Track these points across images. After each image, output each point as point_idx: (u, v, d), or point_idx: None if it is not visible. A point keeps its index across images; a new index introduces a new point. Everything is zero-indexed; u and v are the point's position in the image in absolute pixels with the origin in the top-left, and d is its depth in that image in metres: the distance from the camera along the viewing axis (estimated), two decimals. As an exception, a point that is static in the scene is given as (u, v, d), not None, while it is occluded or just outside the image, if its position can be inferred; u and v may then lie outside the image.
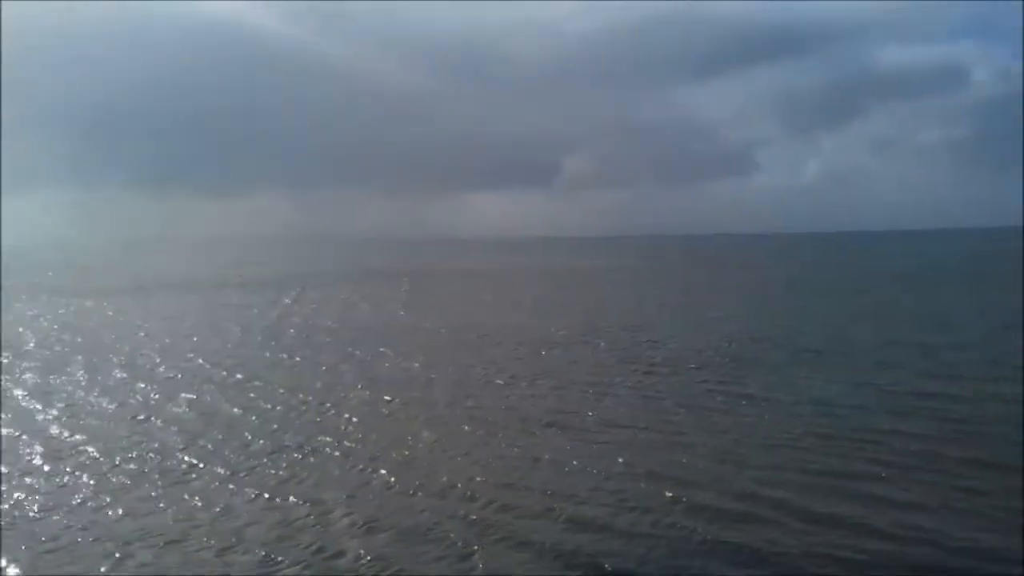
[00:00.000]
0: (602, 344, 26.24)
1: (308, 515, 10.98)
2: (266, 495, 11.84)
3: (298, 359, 24.76)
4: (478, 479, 12.26)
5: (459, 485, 11.99)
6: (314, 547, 9.90)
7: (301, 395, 18.94)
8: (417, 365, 22.91)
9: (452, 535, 10.13)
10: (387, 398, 18.45)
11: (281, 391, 19.48)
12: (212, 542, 10.07)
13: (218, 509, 11.30)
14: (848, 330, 28.25)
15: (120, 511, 11.28)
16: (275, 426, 15.97)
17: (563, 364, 22.51)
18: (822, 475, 11.96)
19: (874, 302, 39.12)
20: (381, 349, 26.22)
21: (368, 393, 19.13)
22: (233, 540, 10.14)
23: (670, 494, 11.33)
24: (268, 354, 25.88)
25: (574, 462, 12.99)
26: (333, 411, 17.25)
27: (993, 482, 11.45)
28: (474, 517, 10.74)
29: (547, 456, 13.39)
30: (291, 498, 11.67)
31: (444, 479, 12.31)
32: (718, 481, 11.82)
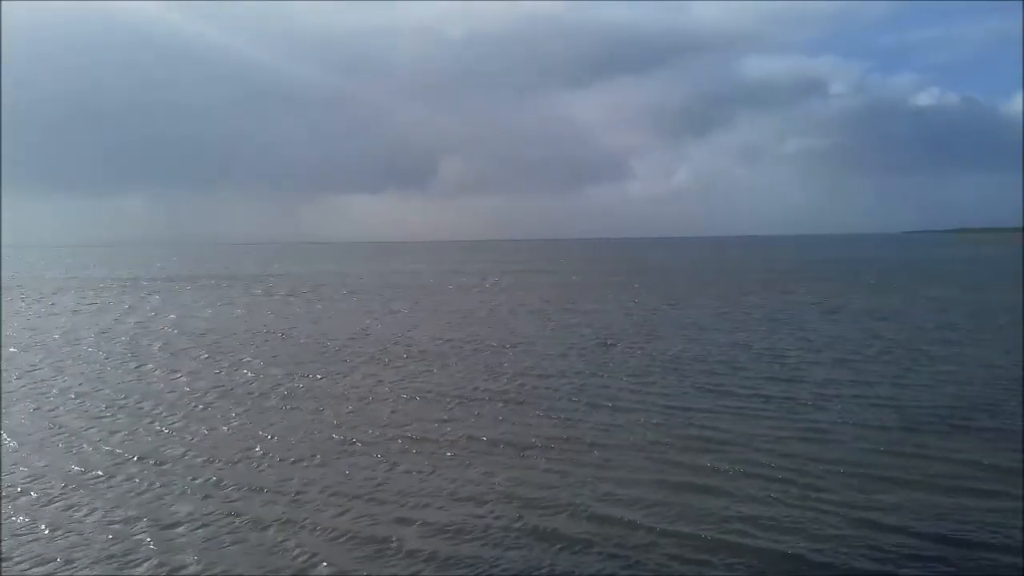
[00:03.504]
0: (466, 350, 25.98)
1: (148, 531, 10.47)
2: (102, 511, 11.25)
3: (144, 366, 23.61)
4: (329, 492, 11.89)
5: (307, 499, 11.60)
6: (154, 563, 9.46)
7: (146, 405, 18.10)
8: (271, 373, 22.12)
9: (297, 549, 9.83)
10: (239, 408, 17.73)
11: (124, 401, 18.58)
12: (44, 566, 9.45)
13: (51, 526, 10.67)
14: (702, 333, 28.96)
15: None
16: (117, 438, 15.23)
17: (424, 372, 22.09)
18: (666, 486, 11.97)
19: (729, 304, 40.53)
20: (235, 356, 25.29)
21: (218, 402, 18.40)
22: (65, 559, 9.59)
23: (521, 504, 11.25)
24: (110, 361, 24.64)
25: (428, 473, 12.76)
26: (179, 422, 16.50)
27: (836, 482, 11.86)
28: (321, 530, 10.44)
29: (401, 467, 13.09)
30: (131, 513, 11.12)
31: (292, 493, 11.91)
32: (570, 491, 11.75)
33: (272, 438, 14.99)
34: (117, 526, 10.63)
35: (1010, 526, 10.16)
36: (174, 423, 16.32)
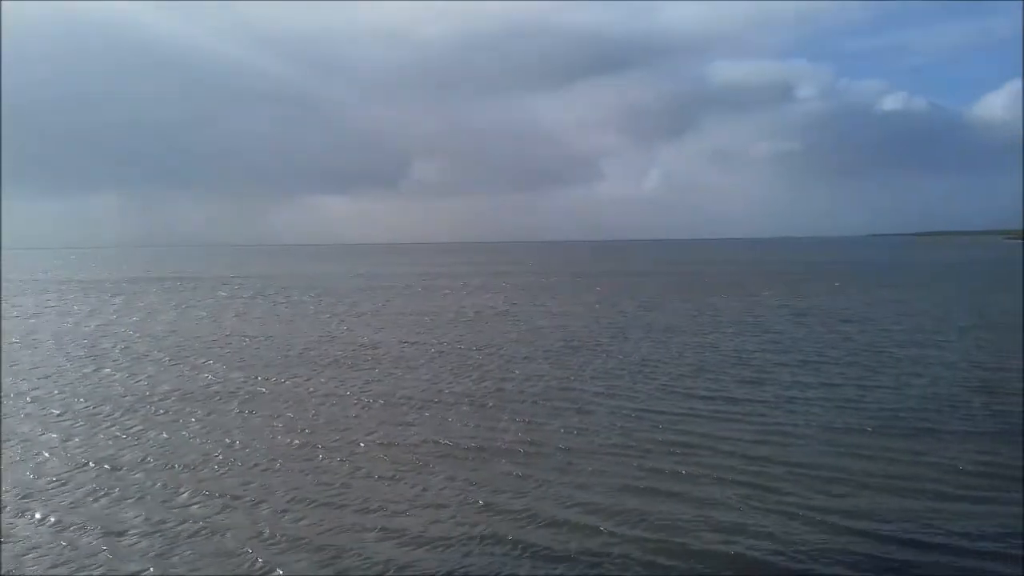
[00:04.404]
0: (432, 353, 25.81)
1: (103, 538, 10.26)
2: (56, 517, 11.01)
3: (103, 370, 23.21)
4: (288, 498, 11.73)
5: (267, 505, 11.44)
6: (107, 570, 9.32)
7: (104, 409, 17.81)
8: (233, 377, 21.82)
9: (255, 553, 9.72)
10: (200, 412, 17.49)
11: (82, 405, 18.28)
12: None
13: (3, 534, 10.44)
14: (670, 335, 29.01)
15: None
16: (74, 443, 15.01)
17: (389, 376, 21.89)
18: (630, 490, 11.95)
19: (697, 307, 40.65)
20: (197, 359, 24.97)
21: (178, 406, 18.11)
22: (15, 566, 9.42)
23: (483, 508, 11.20)
24: (70, 365, 24.23)
25: (390, 478, 12.65)
26: (138, 426, 16.20)
27: (801, 485, 11.93)
28: (281, 533, 10.32)
29: (363, 472, 12.97)
30: (85, 520, 10.91)
31: (252, 499, 11.75)
32: (534, 495, 11.71)
33: (233, 443, 14.76)
34: (70, 533, 10.40)
35: (975, 527, 10.22)
36: (133, 428, 16.03)
